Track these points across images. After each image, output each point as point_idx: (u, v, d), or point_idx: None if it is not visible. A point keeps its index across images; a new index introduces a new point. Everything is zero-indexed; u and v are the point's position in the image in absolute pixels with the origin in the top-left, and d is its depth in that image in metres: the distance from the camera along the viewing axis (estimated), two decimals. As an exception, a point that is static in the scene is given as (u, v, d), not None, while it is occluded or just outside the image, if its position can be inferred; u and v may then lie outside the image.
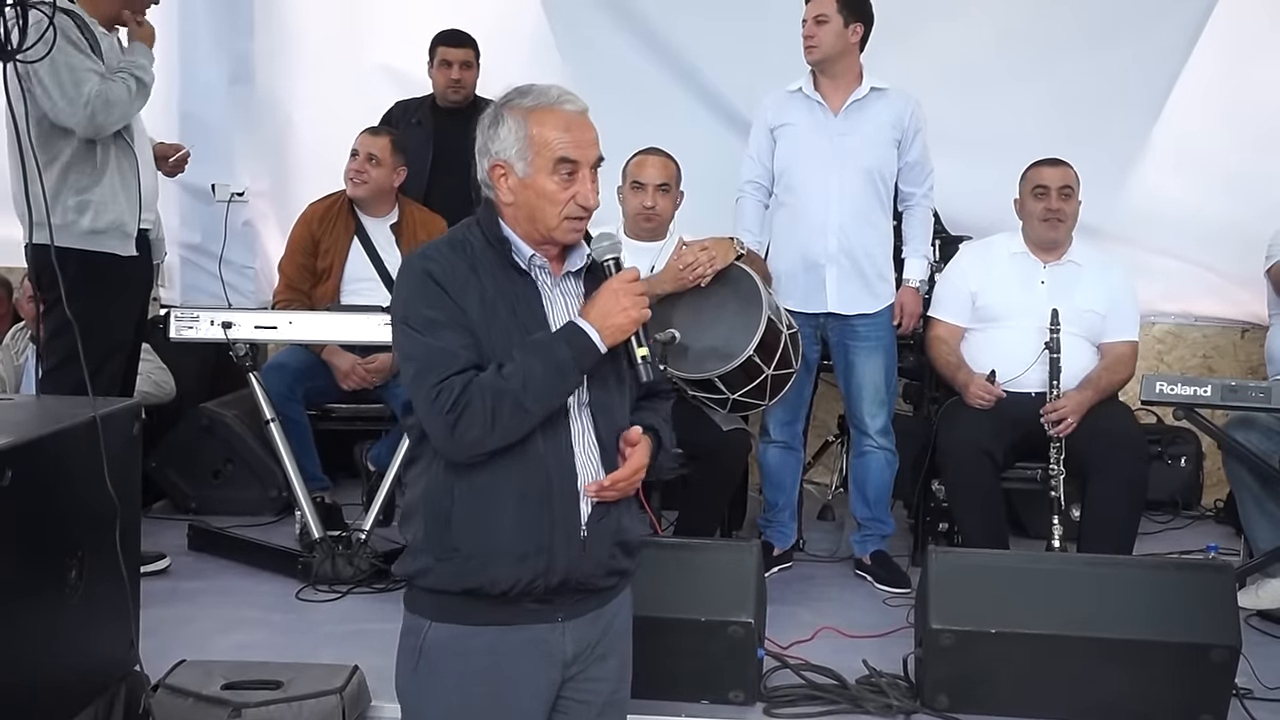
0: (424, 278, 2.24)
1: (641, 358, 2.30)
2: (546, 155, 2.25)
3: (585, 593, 2.30)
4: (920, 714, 3.22)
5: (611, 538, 2.31)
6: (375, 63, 5.89)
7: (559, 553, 2.23)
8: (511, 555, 2.22)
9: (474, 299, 2.23)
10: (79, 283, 3.69)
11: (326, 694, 2.93)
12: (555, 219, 2.27)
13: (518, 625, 2.26)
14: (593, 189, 2.29)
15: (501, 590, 2.23)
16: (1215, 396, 4.10)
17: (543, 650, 2.27)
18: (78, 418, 2.73)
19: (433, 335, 2.21)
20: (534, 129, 2.26)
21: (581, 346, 2.22)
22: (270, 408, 4.40)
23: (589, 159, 2.28)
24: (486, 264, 2.27)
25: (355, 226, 4.92)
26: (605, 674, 2.36)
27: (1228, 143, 5.56)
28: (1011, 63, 5.65)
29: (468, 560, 2.23)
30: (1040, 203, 4.28)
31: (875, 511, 4.45)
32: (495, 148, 2.28)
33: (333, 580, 4.10)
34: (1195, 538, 4.89)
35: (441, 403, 2.16)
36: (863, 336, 4.34)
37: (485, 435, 2.17)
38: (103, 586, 2.78)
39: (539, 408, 2.19)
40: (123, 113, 3.90)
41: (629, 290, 2.26)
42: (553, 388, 2.20)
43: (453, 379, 2.17)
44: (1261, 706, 3.29)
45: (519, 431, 2.19)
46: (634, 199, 4.28)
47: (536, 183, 2.26)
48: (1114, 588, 3.25)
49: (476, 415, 2.15)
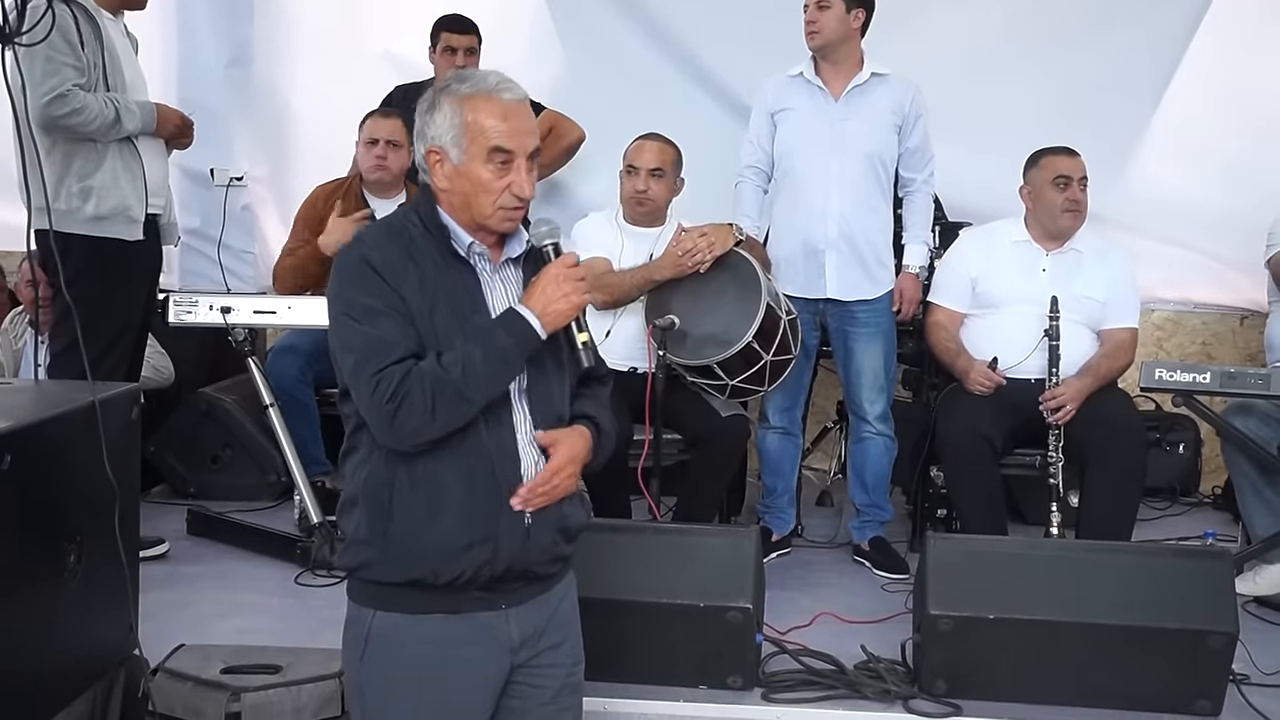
0: (362, 265, 2.22)
1: (582, 343, 2.30)
2: (481, 143, 2.23)
3: (528, 580, 2.30)
4: (918, 699, 3.22)
5: (554, 524, 2.31)
6: (375, 48, 5.87)
7: (504, 541, 2.23)
8: (456, 546, 2.21)
9: (413, 286, 2.21)
10: (85, 268, 3.70)
11: (325, 678, 2.94)
12: (490, 207, 2.25)
13: (463, 614, 2.26)
14: (528, 179, 2.26)
15: (446, 581, 2.22)
16: (1214, 383, 4.11)
17: (489, 637, 2.28)
18: (76, 402, 2.74)
19: (371, 324, 2.19)
20: (469, 116, 2.24)
21: (522, 333, 2.21)
22: (269, 392, 4.40)
23: (524, 148, 2.25)
24: (425, 251, 2.26)
25: (364, 208, 4.91)
26: (557, 660, 2.37)
27: (1228, 130, 5.54)
28: (1012, 49, 5.63)
29: (411, 552, 2.22)
30: (1063, 193, 4.23)
31: (874, 497, 4.46)
32: (431, 133, 2.27)
33: (331, 565, 4.10)
34: (1193, 524, 4.90)
35: (381, 392, 2.14)
36: (862, 323, 4.33)
37: (426, 424, 2.16)
38: (102, 571, 2.79)
39: (480, 396, 2.18)
40: (81, 123, 3.88)
41: (569, 275, 2.26)
42: (494, 376, 2.19)
43: (392, 368, 2.15)
44: (1258, 692, 3.30)
45: (461, 419, 2.18)
46: (628, 183, 4.28)
47: (471, 171, 2.24)
48: (1112, 574, 3.25)
49: (416, 405, 2.14)
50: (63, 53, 3.79)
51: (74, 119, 3.86)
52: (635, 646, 3.19)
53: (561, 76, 5.80)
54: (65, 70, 3.82)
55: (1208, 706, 3.18)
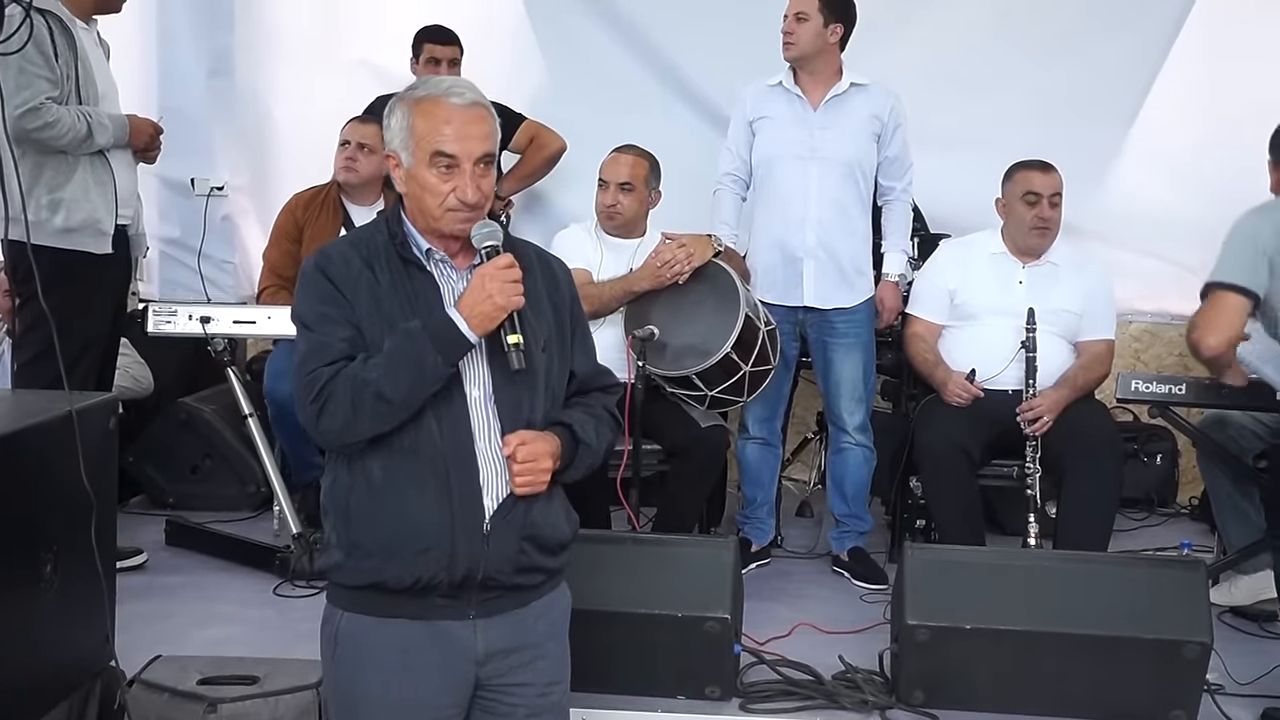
0: (316, 274, 2.28)
1: (512, 345, 2.23)
2: (425, 147, 2.26)
3: (497, 590, 2.28)
4: (896, 709, 3.23)
5: (518, 532, 2.27)
6: (355, 58, 5.86)
7: (460, 547, 2.23)
8: (411, 550, 2.23)
9: (364, 293, 2.25)
10: (52, 280, 3.66)
11: (303, 689, 2.92)
12: (438, 210, 2.27)
13: (426, 620, 2.26)
14: (472, 184, 2.26)
15: (404, 586, 2.23)
16: (1190, 394, 4.15)
17: (452, 645, 2.28)
18: (53, 412, 2.73)
19: (317, 330, 2.24)
20: (416, 120, 2.27)
21: (448, 337, 2.20)
22: (249, 402, 4.39)
23: (470, 153, 2.25)
24: (384, 259, 2.29)
25: (342, 215, 4.90)
26: (529, 678, 2.34)
27: (1206, 142, 5.57)
28: (992, 62, 5.67)
29: (369, 556, 2.25)
30: (1031, 210, 4.23)
31: (853, 508, 4.47)
32: (387, 137, 2.32)
33: (310, 576, 4.08)
34: (1170, 535, 4.93)
35: (309, 392, 2.20)
36: (841, 333, 4.35)
37: (348, 425, 2.19)
38: (78, 582, 2.78)
39: (400, 398, 2.19)
40: (54, 137, 3.85)
41: (498, 276, 2.22)
42: (412, 378, 2.19)
43: (321, 370, 2.20)
44: (1233, 702, 3.32)
45: (388, 420, 2.20)
46: (600, 196, 4.30)
47: (418, 174, 2.28)
48: (1088, 584, 3.27)
49: (340, 405, 2.18)
50: (36, 65, 3.76)
51: (46, 133, 3.83)
52: (613, 656, 3.18)
53: (543, 86, 5.81)
54: (38, 83, 3.79)
55: (1182, 716, 3.19)
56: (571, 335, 2.43)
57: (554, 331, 2.38)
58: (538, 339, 2.32)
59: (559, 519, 2.38)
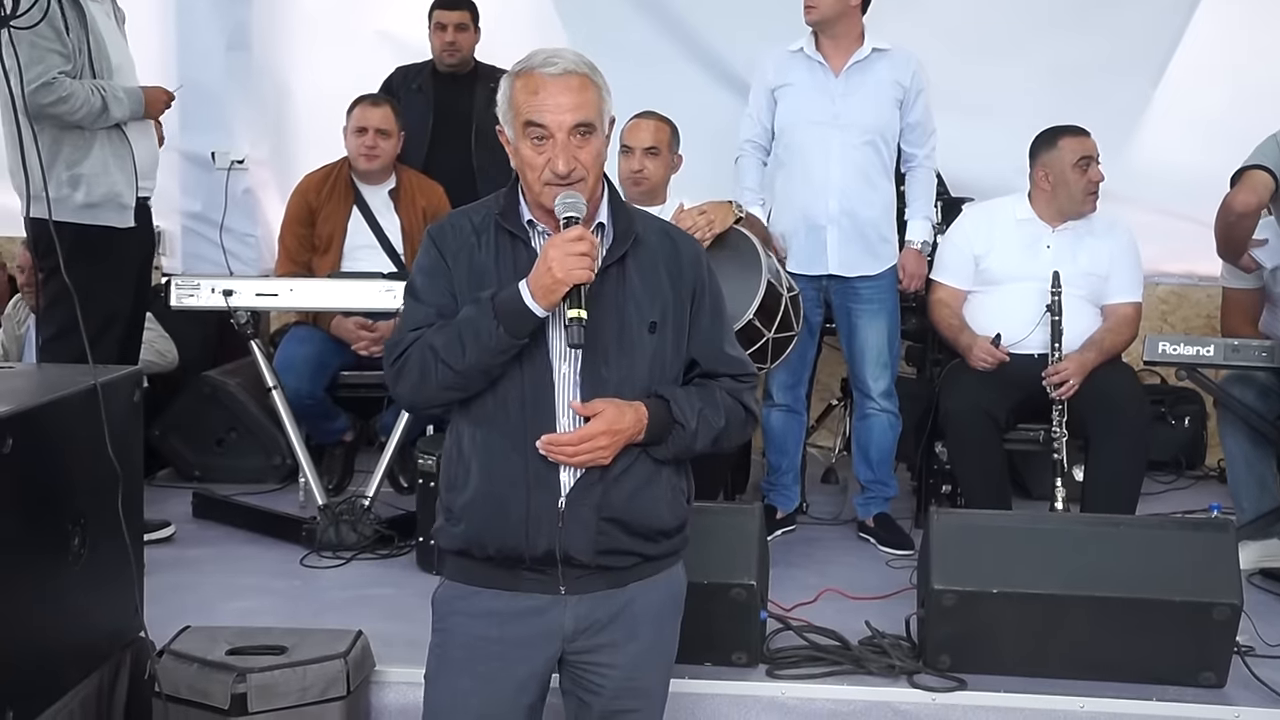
0: (428, 241, 2.33)
1: (572, 319, 2.16)
2: (519, 120, 2.24)
3: (586, 569, 2.26)
4: (922, 674, 3.22)
5: (596, 513, 2.24)
6: (374, 29, 5.86)
7: (539, 523, 2.23)
8: (493, 520, 2.24)
9: (464, 261, 2.27)
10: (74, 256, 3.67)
11: (330, 659, 2.93)
12: (537, 184, 2.24)
13: (517, 592, 2.27)
14: (565, 155, 2.20)
15: (488, 555, 2.25)
16: (1218, 356, 4.11)
17: (540, 621, 2.28)
18: (78, 386, 2.74)
19: (418, 297, 2.30)
20: (515, 93, 2.26)
21: (512, 308, 2.17)
22: (273, 375, 4.40)
23: (560, 124, 2.21)
24: (491, 228, 2.29)
25: (354, 196, 4.90)
26: (616, 660, 2.32)
27: (1231, 102, 5.51)
28: (1015, 25, 5.62)
29: (459, 521, 2.28)
30: (1085, 175, 4.18)
31: (878, 474, 4.46)
32: (498, 112, 2.30)
33: (336, 546, 4.11)
34: (1198, 498, 4.88)
35: (391, 355, 2.27)
36: (865, 299, 4.33)
37: (418, 389, 2.25)
38: (106, 554, 2.80)
39: (464, 366, 2.19)
40: (68, 111, 3.82)
41: (562, 248, 2.15)
42: (474, 347, 2.18)
43: (407, 335, 2.26)
44: (1263, 664, 3.29)
45: (456, 388, 2.23)
46: (624, 163, 4.26)
47: (518, 148, 2.27)
48: (1115, 547, 3.24)
49: (412, 371, 2.23)
50: (48, 39, 3.74)
51: (60, 107, 3.80)
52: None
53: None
54: (51, 57, 3.77)
55: (1212, 678, 3.18)
56: (693, 319, 2.34)
57: (670, 313, 2.30)
58: (644, 319, 2.27)
59: (655, 505, 2.31)
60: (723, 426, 2.35)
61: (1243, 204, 3.91)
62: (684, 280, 2.34)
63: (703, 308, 2.36)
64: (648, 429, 2.25)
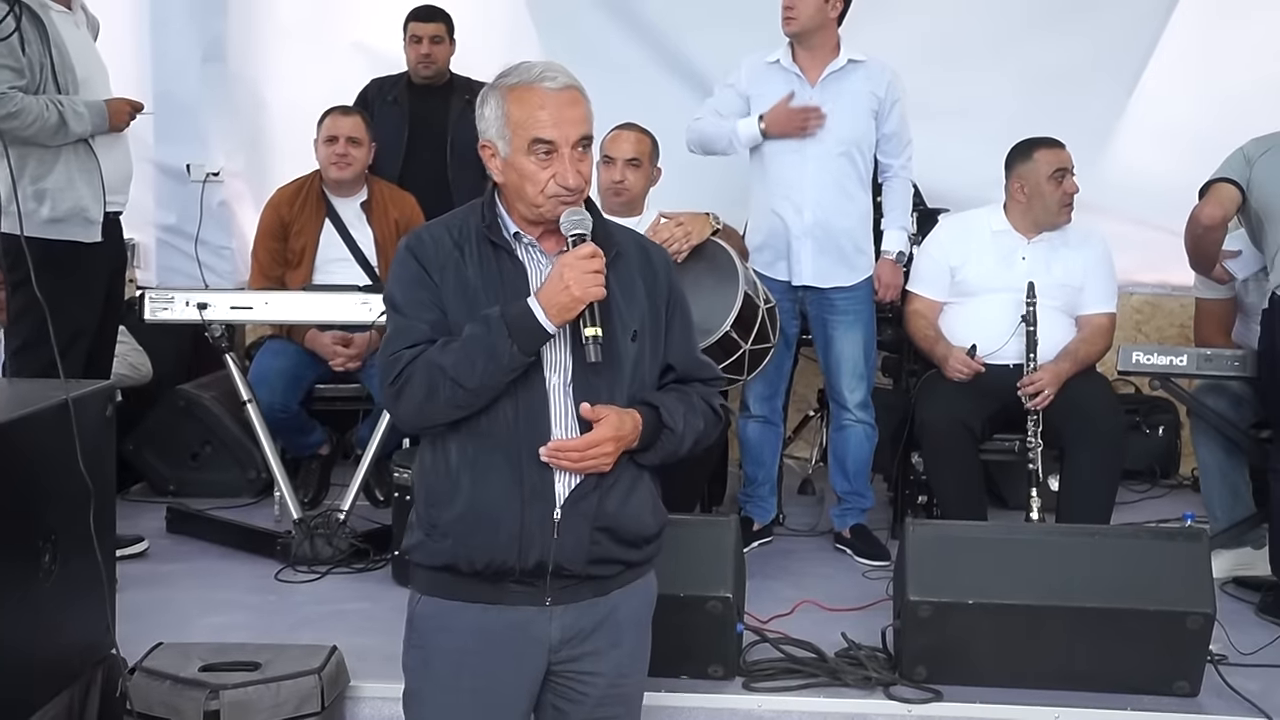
0: (405, 254, 2.29)
1: (589, 337, 2.18)
2: (523, 135, 2.23)
3: (573, 578, 2.26)
4: (899, 685, 3.22)
5: (590, 523, 2.25)
6: (349, 41, 5.85)
7: (530, 534, 2.22)
8: (482, 534, 2.22)
9: (450, 275, 2.25)
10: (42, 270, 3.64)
11: (305, 674, 2.92)
12: (539, 198, 2.24)
13: (502, 605, 2.26)
14: (573, 168, 2.23)
15: (476, 569, 2.24)
16: (1191, 366, 4.14)
17: (527, 634, 2.27)
18: (49, 400, 2.72)
19: (404, 312, 2.25)
20: (512, 108, 2.24)
21: (525, 326, 2.18)
22: (248, 388, 4.38)
23: (568, 138, 2.23)
24: (474, 242, 2.27)
25: (326, 208, 4.88)
26: (601, 668, 2.32)
27: (1205, 113, 5.54)
28: (990, 35, 5.64)
29: (444, 537, 2.25)
30: (1060, 187, 4.21)
31: (855, 485, 4.46)
32: (481, 127, 2.29)
33: (312, 561, 4.09)
34: (1173, 507, 4.91)
35: (388, 374, 2.23)
36: (841, 310, 4.33)
37: (423, 409, 2.21)
38: (77, 570, 2.78)
39: (475, 384, 2.17)
40: (19, 127, 3.73)
41: (578, 267, 2.17)
42: (487, 366, 2.17)
43: (403, 353, 2.21)
44: (1236, 672, 3.31)
45: (463, 406, 2.20)
46: (604, 174, 4.26)
47: (517, 162, 2.25)
48: (1090, 557, 3.26)
49: (416, 388, 2.19)
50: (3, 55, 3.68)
51: (10, 123, 3.70)
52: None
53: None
54: (2, 72, 3.70)
55: (1186, 687, 3.19)
56: (667, 327, 2.37)
57: (648, 322, 2.32)
58: (627, 329, 2.28)
59: (641, 512, 2.33)
60: (702, 429, 2.39)
61: (1209, 217, 3.96)
62: (659, 289, 2.37)
63: (675, 315, 2.40)
64: (641, 435, 2.27)
